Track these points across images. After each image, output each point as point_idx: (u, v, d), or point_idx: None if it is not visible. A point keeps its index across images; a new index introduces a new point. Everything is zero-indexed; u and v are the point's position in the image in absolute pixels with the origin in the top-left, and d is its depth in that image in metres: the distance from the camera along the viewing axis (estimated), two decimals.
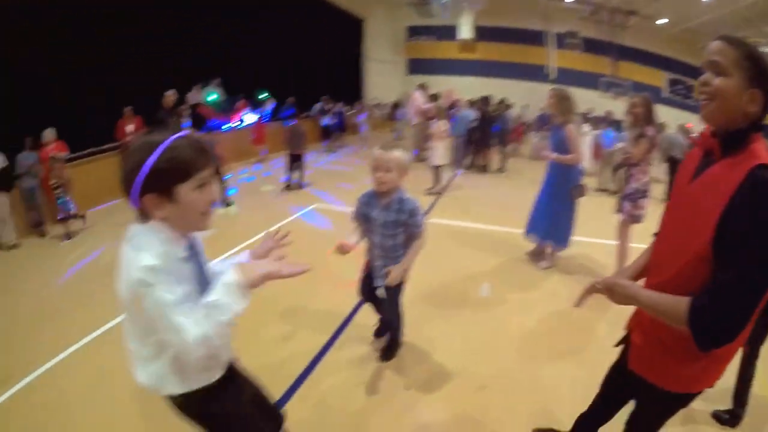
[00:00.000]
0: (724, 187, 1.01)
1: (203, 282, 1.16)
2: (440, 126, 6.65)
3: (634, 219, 3.64)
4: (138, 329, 1.12)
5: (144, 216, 1.07)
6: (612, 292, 1.18)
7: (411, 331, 2.82)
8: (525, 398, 2.39)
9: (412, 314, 2.80)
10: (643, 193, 3.60)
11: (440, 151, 6.65)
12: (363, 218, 2.25)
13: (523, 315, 3.29)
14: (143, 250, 1.01)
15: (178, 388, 1.18)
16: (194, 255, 1.17)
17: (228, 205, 5.95)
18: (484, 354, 2.80)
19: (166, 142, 1.02)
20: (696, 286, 1.05)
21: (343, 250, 2.11)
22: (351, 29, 17.04)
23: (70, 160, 5.91)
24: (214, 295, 1.04)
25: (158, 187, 1.02)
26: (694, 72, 14.87)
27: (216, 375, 1.25)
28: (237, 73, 10.18)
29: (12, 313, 3.38)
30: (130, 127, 6.84)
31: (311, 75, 13.35)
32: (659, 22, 14.43)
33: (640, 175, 3.56)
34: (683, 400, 1.24)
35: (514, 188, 7.47)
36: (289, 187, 7.18)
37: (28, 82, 5.99)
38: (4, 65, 5.73)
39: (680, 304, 1.04)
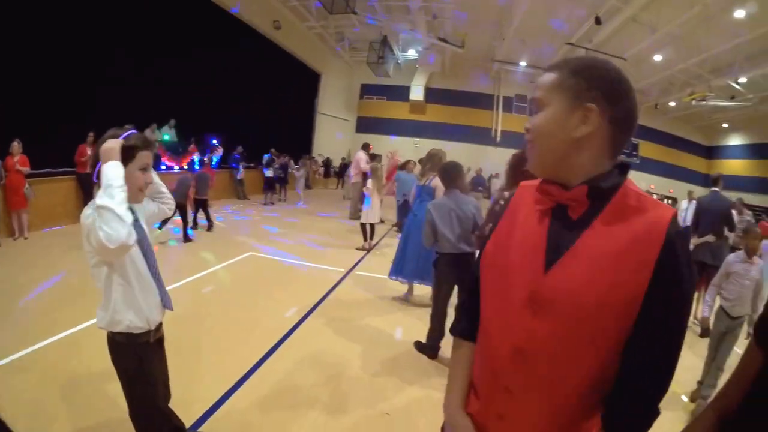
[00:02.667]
0: (638, 260, 0.73)
1: (143, 243, 1.52)
2: (369, 185, 6.80)
3: None
4: (100, 272, 1.42)
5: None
6: None
7: None
8: None
9: None
10: None
11: (372, 210, 6.75)
12: None
13: None
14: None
15: (114, 326, 1.46)
16: (136, 219, 1.49)
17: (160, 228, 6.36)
18: None
19: (124, 135, 1.43)
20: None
21: None
22: (308, 83, 17.08)
23: (28, 176, 6.09)
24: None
25: None
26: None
27: (138, 322, 1.48)
28: (191, 117, 9.99)
29: None
30: (90, 152, 6.97)
31: (264, 125, 13.13)
32: None
33: None
34: None
35: None
36: (196, 228, 7.14)
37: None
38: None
39: None
